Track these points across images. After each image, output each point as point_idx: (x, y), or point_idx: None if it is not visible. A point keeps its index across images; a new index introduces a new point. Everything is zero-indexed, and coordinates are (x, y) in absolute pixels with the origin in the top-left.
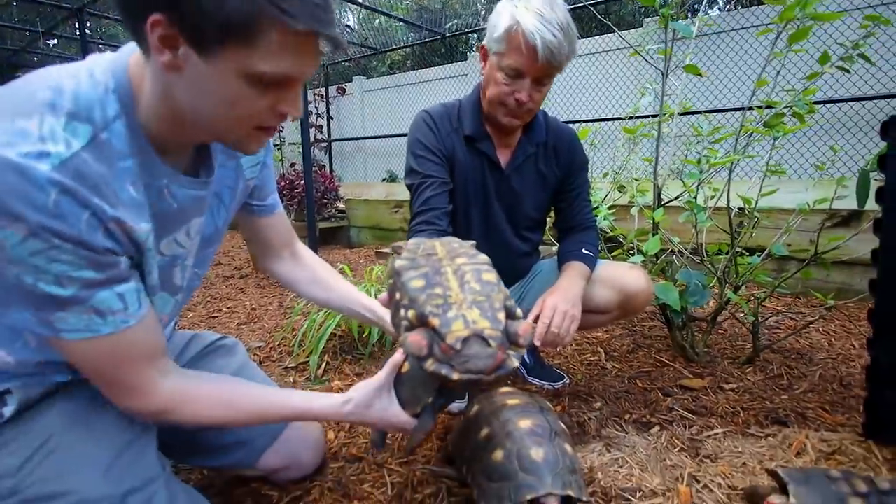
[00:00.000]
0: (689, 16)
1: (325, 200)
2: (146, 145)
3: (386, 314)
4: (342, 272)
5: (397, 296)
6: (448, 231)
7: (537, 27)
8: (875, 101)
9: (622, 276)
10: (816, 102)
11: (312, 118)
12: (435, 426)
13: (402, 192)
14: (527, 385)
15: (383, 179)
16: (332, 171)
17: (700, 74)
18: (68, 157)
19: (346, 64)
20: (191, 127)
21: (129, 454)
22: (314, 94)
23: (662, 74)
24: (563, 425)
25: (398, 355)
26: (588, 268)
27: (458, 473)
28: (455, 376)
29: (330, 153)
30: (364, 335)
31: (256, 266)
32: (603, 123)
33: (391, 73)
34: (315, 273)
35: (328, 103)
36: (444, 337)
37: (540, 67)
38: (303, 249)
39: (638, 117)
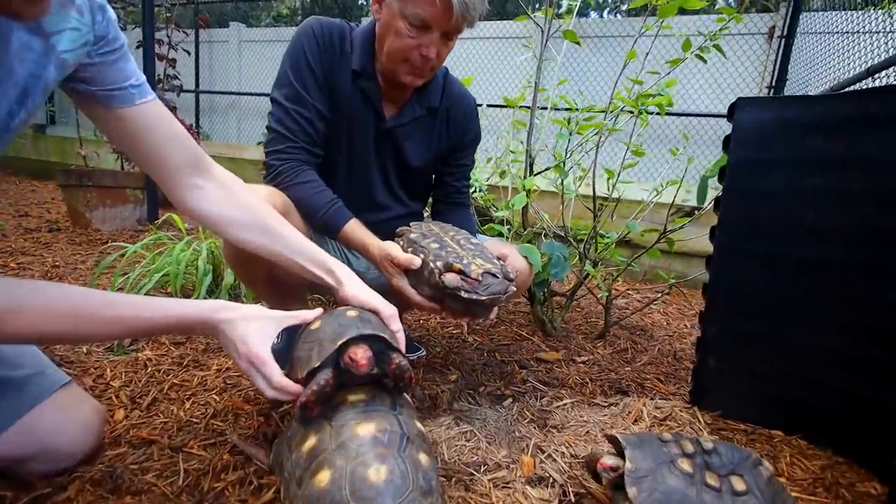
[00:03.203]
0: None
1: None
2: None
3: (343, 274)
4: (172, 221)
5: (417, 259)
6: (313, 163)
7: None
8: (717, 118)
9: (505, 255)
10: (669, 114)
11: (163, 49)
12: (330, 384)
13: None
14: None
15: (259, 143)
16: (198, 126)
17: (578, 43)
18: None
19: (223, 4)
20: None
21: None
22: (167, 21)
23: (542, 31)
24: (420, 426)
25: (311, 313)
26: None
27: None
28: (484, 298)
29: (197, 106)
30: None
31: (175, 204)
32: (491, 109)
33: (276, 26)
34: (254, 213)
35: (197, 46)
36: (470, 274)
37: (453, 21)
38: (228, 177)
39: (525, 107)
